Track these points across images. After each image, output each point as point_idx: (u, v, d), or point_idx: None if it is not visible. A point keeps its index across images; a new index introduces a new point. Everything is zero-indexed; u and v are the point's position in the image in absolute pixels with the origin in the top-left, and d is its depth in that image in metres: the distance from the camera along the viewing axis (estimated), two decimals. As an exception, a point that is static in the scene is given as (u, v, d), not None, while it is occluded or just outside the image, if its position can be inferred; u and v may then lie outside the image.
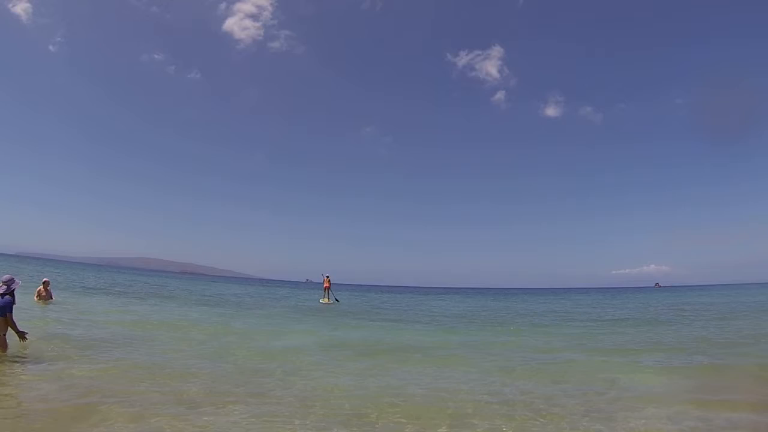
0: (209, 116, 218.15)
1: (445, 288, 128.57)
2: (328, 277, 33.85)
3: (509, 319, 25.36)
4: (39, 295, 18.07)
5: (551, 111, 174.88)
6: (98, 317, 15.47)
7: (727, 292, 56.59)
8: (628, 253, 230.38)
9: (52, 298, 18.25)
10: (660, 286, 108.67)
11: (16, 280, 8.69)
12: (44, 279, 19.05)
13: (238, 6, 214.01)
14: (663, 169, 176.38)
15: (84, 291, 27.28)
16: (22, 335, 8.67)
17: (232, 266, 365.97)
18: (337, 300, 33.97)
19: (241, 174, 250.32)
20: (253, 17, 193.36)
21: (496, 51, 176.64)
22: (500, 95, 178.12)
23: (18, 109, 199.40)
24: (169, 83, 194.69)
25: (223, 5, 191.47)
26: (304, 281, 31.84)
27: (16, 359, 8.32)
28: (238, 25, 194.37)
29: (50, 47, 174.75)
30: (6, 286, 8.43)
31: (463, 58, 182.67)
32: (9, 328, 8.49)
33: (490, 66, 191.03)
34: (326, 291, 33.90)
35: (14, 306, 8.52)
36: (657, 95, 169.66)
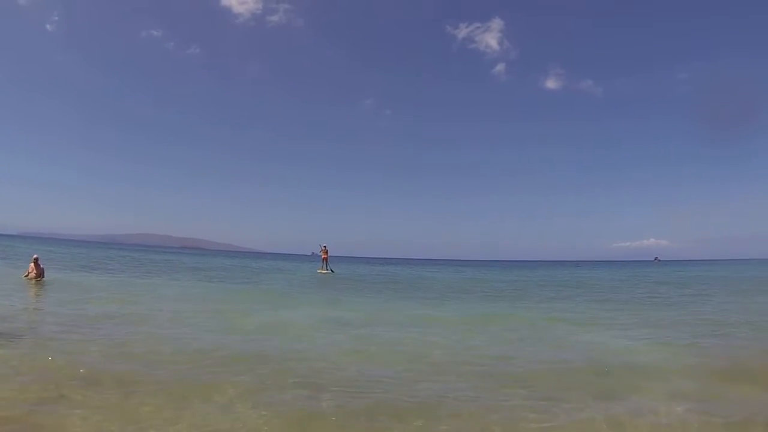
0: (209, 91, 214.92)
1: (442, 260, 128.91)
2: (325, 247, 33.92)
3: (511, 291, 25.05)
4: (29, 273, 17.82)
5: (551, 83, 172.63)
6: (86, 295, 15.07)
7: (729, 267, 56.10)
8: (628, 227, 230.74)
9: (42, 276, 17.95)
10: (659, 261, 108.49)
11: None
12: (34, 256, 18.70)
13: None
14: (663, 143, 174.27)
15: (78, 268, 26.92)
16: None
17: (233, 240, 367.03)
18: (331, 270, 33.99)
19: (240, 148, 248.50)
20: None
21: (496, 23, 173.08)
22: (500, 67, 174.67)
23: (15, 90, 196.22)
24: (169, 59, 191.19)
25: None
26: (309, 254, 32.15)
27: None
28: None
29: (47, 26, 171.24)
30: None
31: (462, 31, 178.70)
32: None
33: (490, 38, 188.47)
34: (324, 262, 34.00)
35: None
36: (658, 70, 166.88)
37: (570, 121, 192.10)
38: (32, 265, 18.01)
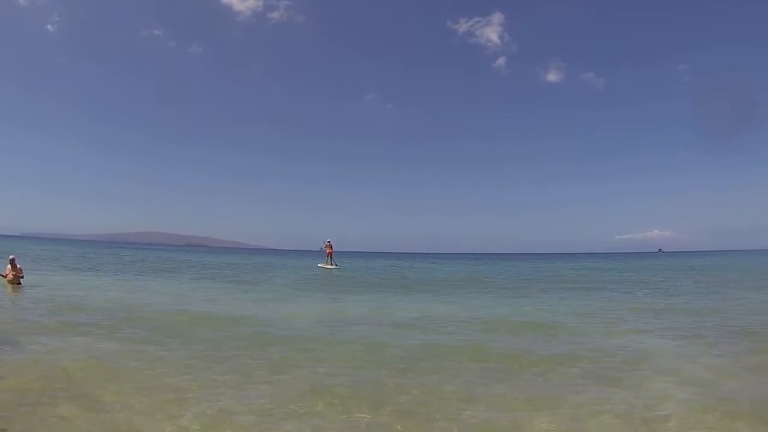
0: (211, 89, 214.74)
1: (444, 254, 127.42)
2: (329, 242, 33.17)
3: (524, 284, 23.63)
4: (6, 274, 16.26)
5: (552, 76, 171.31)
6: (66, 296, 13.69)
7: (732, 258, 54.97)
8: (632, 219, 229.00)
9: (21, 279, 16.36)
10: (663, 252, 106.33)
11: None
12: (10, 256, 17.11)
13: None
14: (665, 134, 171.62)
15: (62, 269, 25.59)
16: None
17: (239, 237, 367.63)
18: (336, 265, 33.05)
19: (244, 145, 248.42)
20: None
21: (497, 17, 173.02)
22: (501, 61, 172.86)
23: (17, 90, 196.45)
24: (170, 58, 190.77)
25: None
26: (318, 250, 32.00)
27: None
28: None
29: (48, 27, 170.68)
30: None
31: (463, 25, 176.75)
32: None
33: (491, 32, 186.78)
34: (329, 257, 33.08)
35: None
36: (659, 60, 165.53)
37: (572, 114, 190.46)
38: (9, 267, 16.47)
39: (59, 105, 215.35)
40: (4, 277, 16.22)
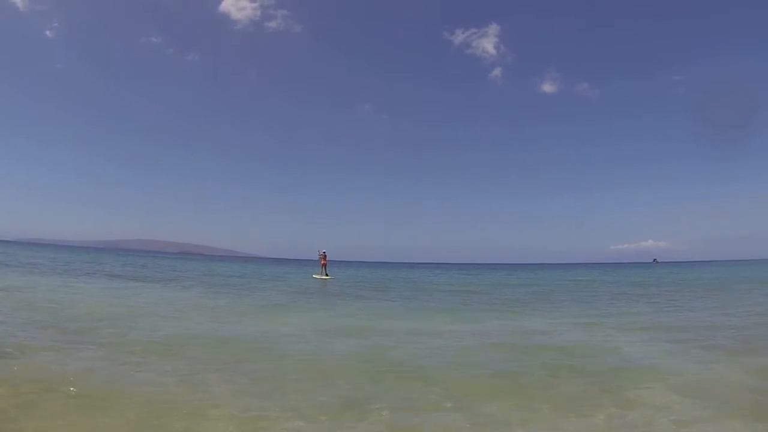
0: (208, 97, 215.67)
1: (440, 263, 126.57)
2: (324, 253, 32.54)
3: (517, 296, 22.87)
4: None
5: (548, 87, 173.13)
6: (42, 299, 12.87)
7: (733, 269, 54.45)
8: (626, 229, 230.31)
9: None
10: (658, 262, 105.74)
11: None
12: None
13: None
14: (660, 144, 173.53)
15: (57, 274, 24.67)
16: None
17: (232, 246, 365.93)
18: (327, 274, 32.38)
19: (239, 153, 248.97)
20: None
21: (493, 29, 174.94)
22: (497, 72, 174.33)
23: (15, 96, 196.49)
24: (168, 65, 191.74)
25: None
26: (316, 259, 31.44)
27: None
28: (235, 5, 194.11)
29: (47, 33, 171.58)
30: None
31: (459, 36, 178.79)
32: None
33: (487, 43, 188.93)
34: (323, 268, 32.38)
35: None
36: (654, 72, 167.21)
37: (567, 124, 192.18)
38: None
39: (56, 110, 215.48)
40: None
